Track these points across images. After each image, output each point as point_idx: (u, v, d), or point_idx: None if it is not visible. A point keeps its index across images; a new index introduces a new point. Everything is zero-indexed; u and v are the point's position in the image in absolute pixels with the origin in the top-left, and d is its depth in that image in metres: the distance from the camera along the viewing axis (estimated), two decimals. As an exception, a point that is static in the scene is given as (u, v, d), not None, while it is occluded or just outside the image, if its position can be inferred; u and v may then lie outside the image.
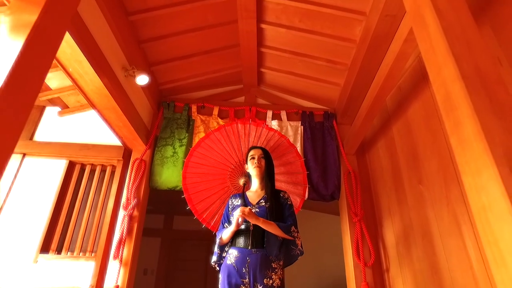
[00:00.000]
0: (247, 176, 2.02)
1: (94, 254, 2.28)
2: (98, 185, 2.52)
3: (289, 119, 2.76)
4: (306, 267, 4.48)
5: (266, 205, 1.77)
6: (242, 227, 1.71)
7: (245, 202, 1.79)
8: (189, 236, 5.14)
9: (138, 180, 2.43)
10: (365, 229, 2.30)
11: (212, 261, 1.78)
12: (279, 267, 1.66)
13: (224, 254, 1.75)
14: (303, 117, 2.76)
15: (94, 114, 2.41)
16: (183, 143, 2.59)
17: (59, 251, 2.26)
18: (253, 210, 1.73)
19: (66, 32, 1.45)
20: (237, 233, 1.73)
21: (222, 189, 2.11)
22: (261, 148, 1.98)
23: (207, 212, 2.09)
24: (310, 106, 2.91)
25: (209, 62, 2.68)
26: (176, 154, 2.55)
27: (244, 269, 1.61)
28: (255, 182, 1.93)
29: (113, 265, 2.18)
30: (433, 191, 1.81)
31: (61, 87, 2.52)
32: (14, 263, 2.16)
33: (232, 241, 1.74)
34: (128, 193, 2.36)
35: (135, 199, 2.35)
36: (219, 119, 2.70)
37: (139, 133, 2.42)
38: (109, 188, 2.49)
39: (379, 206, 2.45)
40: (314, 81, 2.73)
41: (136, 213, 2.35)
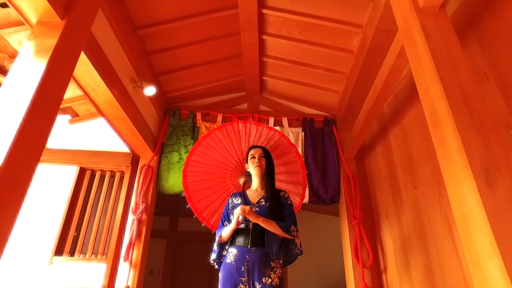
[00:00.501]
0: (247, 175, 2.01)
1: (105, 256, 2.39)
2: (108, 190, 2.64)
3: (290, 125, 2.86)
4: (309, 268, 4.58)
5: (266, 204, 1.77)
6: (242, 225, 1.71)
7: (246, 201, 1.79)
8: (193, 237, 5.25)
9: (146, 186, 2.54)
10: (364, 232, 2.40)
11: (211, 259, 1.78)
12: (278, 266, 1.66)
13: (224, 253, 1.75)
14: (304, 123, 2.86)
15: (103, 122, 2.52)
16: (188, 149, 2.70)
17: (72, 253, 2.38)
18: (253, 209, 1.72)
19: (81, 51, 1.57)
20: (237, 232, 1.72)
21: (222, 188, 2.11)
22: (261, 148, 1.97)
23: (207, 210, 2.10)
24: (310, 112, 3.01)
25: (213, 71, 2.79)
26: (182, 160, 2.66)
27: (243, 267, 1.61)
28: (255, 181, 1.92)
29: (124, 266, 2.29)
30: (427, 196, 1.90)
31: (72, 97, 2.63)
32: (31, 265, 2.28)
33: (232, 240, 1.73)
34: (136, 198, 2.47)
35: (144, 204, 2.46)
36: (223, 126, 2.81)
37: (147, 140, 2.53)
38: (118, 193, 2.61)
39: (377, 210, 2.55)
40: (314, 89, 2.83)
41: (144, 217, 2.47)
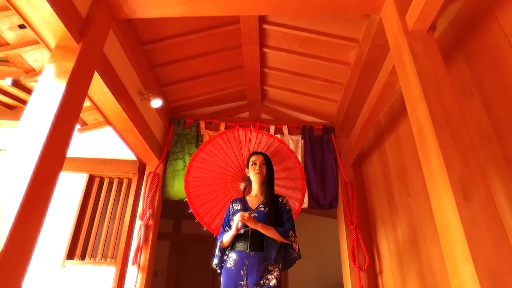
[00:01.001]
0: (248, 180, 2.05)
1: (114, 260, 2.52)
2: (116, 196, 2.76)
3: (290, 133, 2.98)
4: (309, 270, 4.69)
5: (265, 210, 1.81)
6: (242, 231, 1.75)
7: (245, 207, 1.84)
8: (196, 239, 5.37)
9: (152, 192, 2.66)
10: (360, 236, 2.51)
11: (213, 263, 1.83)
12: (277, 269, 1.70)
13: (225, 258, 1.80)
14: (303, 131, 2.98)
15: (111, 131, 2.64)
16: (192, 157, 2.82)
17: (83, 257, 2.51)
18: (252, 215, 1.77)
19: (95, 71, 1.69)
20: (236, 237, 1.77)
21: (223, 193, 2.17)
22: (262, 154, 2.01)
23: (208, 215, 2.17)
24: (310, 120, 3.12)
25: (216, 81, 2.91)
26: (186, 167, 2.78)
27: (242, 271, 1.65)
28: (255, 187, 1.97)
29: (132, 269, 2.41)
30: (419, 203, 2.01)
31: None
32: (45, 268, 2.41)
33: (232, 245, 1.78)
34: (144, 204, 2.59)
35: (150, 210, 2.58)
36: (226, 134, 2.92)
37: (153, 149, 2.66)
38: (126, 199, 2.73)
39: (373, 215, 2.66)
40: (314, 98, 2.94)
41: (151, 222, 2.59)
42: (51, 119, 1.32)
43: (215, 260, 1.83)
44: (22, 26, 1.88)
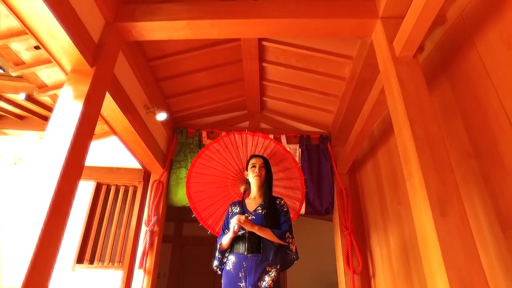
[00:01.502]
0: (247, 183, 2.09)
1: (121, 264, 2.65)
2: (122, 203, 2.90)
3: (288, 142, 3.12)
4: (307, 270, 4.84)
5: (263, 212, 1.85)
6: (240, 234, 1.80)
7: (243, 209, 1.90)
8: (197, 241, 5.51)
9: (157, 199, 2.80)
10: (355, 241, 2.65)
11: (214, 265, 1.88)
12: (275, 270, 1.73)
13: (225, 260, 1.85)
14: (301, 140, 3.12)
15: (117, 141, 2.77)
16: (195, 165, 2.95)
17: (91, 261, 2.65)
18: (250, 218, 1.81)
19: (106, 92, 1.83)
20: (235, 240, 1.82)
21: (224, 196, 2.24)
22: (262, 157, 2.06)
23: (212, 218, 2.24)
24: (307, 129, 3.26)
25: (217, 93, 3.05)
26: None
27: (240, 273, 1.70)
28: (254, 189, 2.02)
29: (138, 273, 2.55)
30: (408, 212, 2.15)
31: (89, 118, 2.89)
32: (56, 272, 2.54)
33: (231, 248, 1.83)
34: (149, 211, 2.73)
35: (155, 216, 2.72)
36: (227, 143, 3.06)
37: (157, 158, 2.79)
38: (132, 206, 2.87)
39: (367, 221, 2.80)
40: (311, 109, 3.08)
41: (156, 228, 2.72)
42: (71, 136, 1.49)
43: (215, 262, 1.88)
44: (37, 47, 2.01)
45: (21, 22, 1.47)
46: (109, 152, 3.07)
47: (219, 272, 1.88)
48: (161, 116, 2.53)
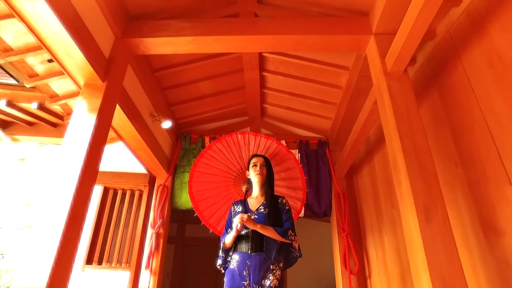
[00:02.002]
0: (249, 183, 2.11)
1: (128, 265, 2.77)
2: (129, 207, 3.02)
3: (288, 147, 3.22)
4: (307, 270, 4.95)
5: (265, 211, 1.87)
6: (243, 232, 1.81)
7: (246, 208, 1.91)
8: (199, 242, 5.63)
9: (162, 203, 2.92)
10: (351, 243, 2.77)
11: (217, 264, 1.89)
12: (278, 268, 1.76)
13: (228, 258, 1.86)
14: (300, 145, 3.23)
15: (123, 146, 2.89)
16: (198, 170, 3.07)
17: (100, 262, 2.77)
18: (252, 217, 1.83)
19: (117, 104, 1.95)
20: (239, 239, 1.83)
21: (227, 195, 2.25)
22: (263, 157, 2.08)
23: (213, 218, 2.25)
24: (306, 135, 3.38)
25: (219, 100, 3.17)
26: (191, 177, 3.03)
27: (244, 272, 1.72)
28: (256, 188, 2.03)
29: (145, 274, 2.67)
30: (400, 216, 2.27)
31: (97, 125, 3.01)
32: (67, 274, 2.67)
33: (234, 247, 1.84)
34: (154, 214, 2.85)
35: (161, 219, 2.84)
36: (228, 148, 3.18)
37: (162, 163, 2.91)
38: (138, 209, 2.99)
39: (363, 223, 2.92)
40: (309, 115, 3.20)
41: (161, 230, 2.84)
42: (86, 146, 1.62)
43: (219, 261, 1.89)
44: (50, 61, 2.13)
45: (39, 40, 1.59)
46: (116, 157, 3.19)
47: (223, 271, 1.90)
48: (166, 124, 2.65)
